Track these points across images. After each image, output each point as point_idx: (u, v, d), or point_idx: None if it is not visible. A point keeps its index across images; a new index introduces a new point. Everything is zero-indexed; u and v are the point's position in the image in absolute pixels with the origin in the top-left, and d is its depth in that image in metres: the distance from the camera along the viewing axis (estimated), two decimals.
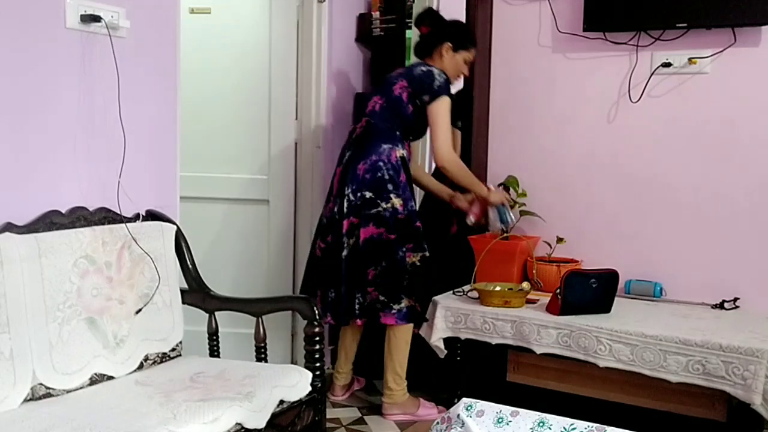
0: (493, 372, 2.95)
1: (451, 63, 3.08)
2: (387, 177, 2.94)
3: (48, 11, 2.17)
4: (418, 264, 2.96)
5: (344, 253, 2.95)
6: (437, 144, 2.94)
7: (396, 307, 2.93)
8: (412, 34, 3.33)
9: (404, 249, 2.95)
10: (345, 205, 2.95)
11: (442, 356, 2.95)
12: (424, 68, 2.99)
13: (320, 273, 3.06)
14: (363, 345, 3.27)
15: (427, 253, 2.99)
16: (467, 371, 3.02)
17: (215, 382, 2.15)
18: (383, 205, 2.93)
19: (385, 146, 2.97)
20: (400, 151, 3.00)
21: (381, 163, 2.94)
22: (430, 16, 3.12)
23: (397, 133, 3.02)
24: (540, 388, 2.85)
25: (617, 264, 2.92)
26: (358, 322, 2.96)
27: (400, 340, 3.02)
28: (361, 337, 3.24)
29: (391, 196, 2.94)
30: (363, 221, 2.93)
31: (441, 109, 2.93)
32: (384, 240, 2.93)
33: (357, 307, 2.93)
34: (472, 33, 3.20)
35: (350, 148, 3.03)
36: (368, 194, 2.93)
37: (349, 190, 2.94)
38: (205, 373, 2.24)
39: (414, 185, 3.15)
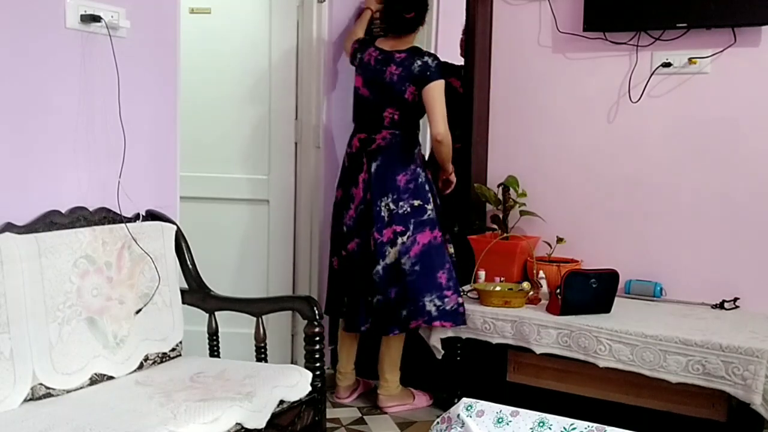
0: (493, 372, 2.95)
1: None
2: (424, 179, 3.09)
3: (48, 11, 2.17)
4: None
5: (386, 260, 3.02)
6: (436, 121, 3.03)
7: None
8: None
9: (447, 241, 3.14)
10: (385, 214, 3.03)
11: (439, 356, 2.96)
12: (419, 62, 3.02)
13: (347, 281, 3.14)
14: (369, 348, 3.27)
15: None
16: (467, 371, 3.02)
17: (215, 382, 2.15)
18: (428, 207, 3.06)
19: (415, 151, 3.11)
20: (422, 149, 3.19)
21: (419, 169, 3.09)
22: (417, 3, 3.11)
23: (417, 132, 3.17)
24: (540, 388, 2.85)
25: (617, 264, 2.91)
26: (436, 324, 3.00)
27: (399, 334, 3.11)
28: (365, 338, 3.25)
29: (430, 196, 3.09)
30: (417, 228, 3.03)
31: (435, 92, 3.02)
32: (440, 242, 3.07)
33: (435, 310, 2.95)
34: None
35: (376, 158, 3.08)
36: (416, 202, 3.05)
37: (389, 200, 3.04)
38: (205, 373, 2.24)
39: None
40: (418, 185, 3.06)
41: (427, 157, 3.34)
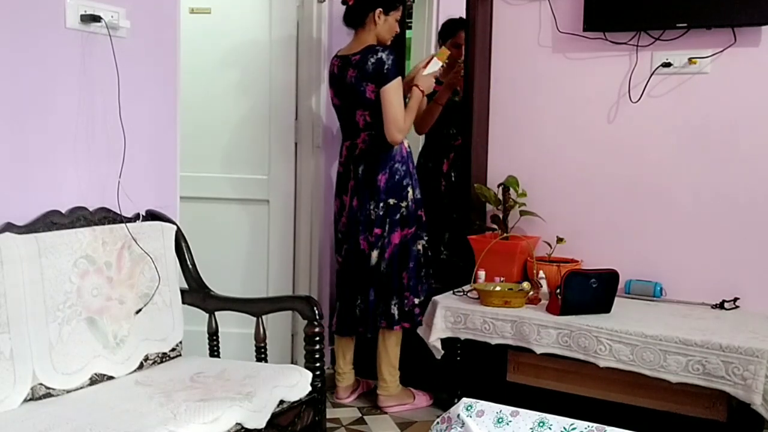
0: (493, 372, 2.95)
1: (385, 27, 3.09)
2: (402, 173, 3.08)
3: (48, 11, 2.17)
4: (422, 251, 3.16)
5: (372, 262, 3.07)
6: (388, 127, 2.99)
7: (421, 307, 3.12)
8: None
9: (422, 238, 3.15)
10: (373, 216, 3.06)
11: (438, 357, 2.96)
12: (372, 59, 2.98)
13: (344, 285, 3.19)
14: (369, 348, 3.27)
15: (426, 239, 3.19)
16: (467, 371, 3.02)
17: (215, 382, 2.15)
18: (403, 204, 3.08)
19: (395, 147, 3.08)
20: (406, 141, 3.13)
21: (397, 165, 3.07)
22: None
23: None
24: (540, 388, 2.85)
25: (617, 264, 2.91)
26: (396, 328, 3.11)
27: (394, 334, 3.13)
28: (363, 339, 3.25)
29: (408, 189, 3.10)
30: (390, 228, 3.06)
31: (389, 95, 2.97)
32: (409, 239, 3.10)
33: (397, 313, 3.07)
34: None
35: (360, 163, 3.09)
36: (392, 201, 3.07)
37: (373, 204, 3.06)
38: (205, 373, 2.24)
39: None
40: (395, 182, 3.07)
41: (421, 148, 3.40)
